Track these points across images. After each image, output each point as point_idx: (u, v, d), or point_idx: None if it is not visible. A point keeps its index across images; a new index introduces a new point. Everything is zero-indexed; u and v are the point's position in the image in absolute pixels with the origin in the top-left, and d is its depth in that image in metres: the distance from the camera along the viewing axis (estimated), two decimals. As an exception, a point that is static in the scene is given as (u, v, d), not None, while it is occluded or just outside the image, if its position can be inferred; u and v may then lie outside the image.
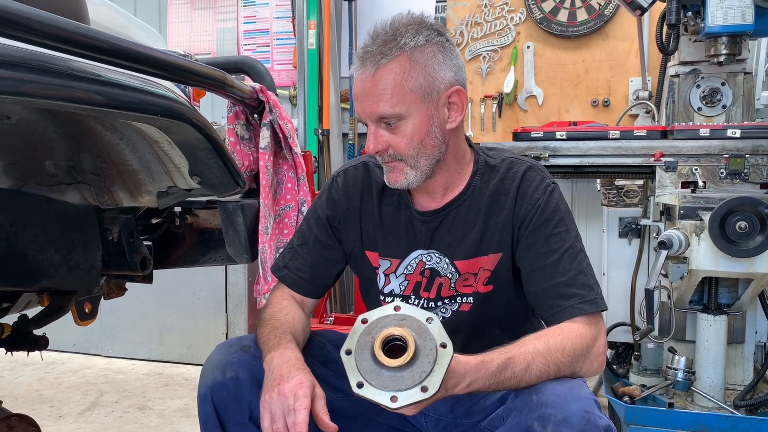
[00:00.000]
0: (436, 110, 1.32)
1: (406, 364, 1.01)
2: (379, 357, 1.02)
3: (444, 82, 1.32)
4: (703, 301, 2.24)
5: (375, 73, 1.28)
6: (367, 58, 1.29)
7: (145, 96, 1.14)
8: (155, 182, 1.53)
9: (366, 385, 1.02)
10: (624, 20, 3.21)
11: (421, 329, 1.05)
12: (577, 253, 1.31)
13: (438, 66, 1.31)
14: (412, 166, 1.33)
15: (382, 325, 1.06)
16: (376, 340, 1.04)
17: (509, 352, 1.17)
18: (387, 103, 1.28)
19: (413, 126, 1.30)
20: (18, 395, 3.16)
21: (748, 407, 2.14)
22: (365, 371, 1.03)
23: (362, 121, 1.35)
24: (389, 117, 1.29)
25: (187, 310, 3.60)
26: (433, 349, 1.03)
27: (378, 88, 1.28)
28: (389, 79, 1.27)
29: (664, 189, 2.17)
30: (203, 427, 1.32)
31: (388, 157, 1.34)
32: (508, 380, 1.15)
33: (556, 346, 1.18)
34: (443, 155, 1.36)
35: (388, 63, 1.27)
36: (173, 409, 2.98)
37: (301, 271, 1.50)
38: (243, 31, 4.23)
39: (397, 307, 1.09)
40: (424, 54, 1.29)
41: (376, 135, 1.32)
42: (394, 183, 1.36)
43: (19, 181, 1.46)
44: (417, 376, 1.01)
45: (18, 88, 0.88)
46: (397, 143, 1.31)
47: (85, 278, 1.64)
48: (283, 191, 1.90)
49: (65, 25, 0.90)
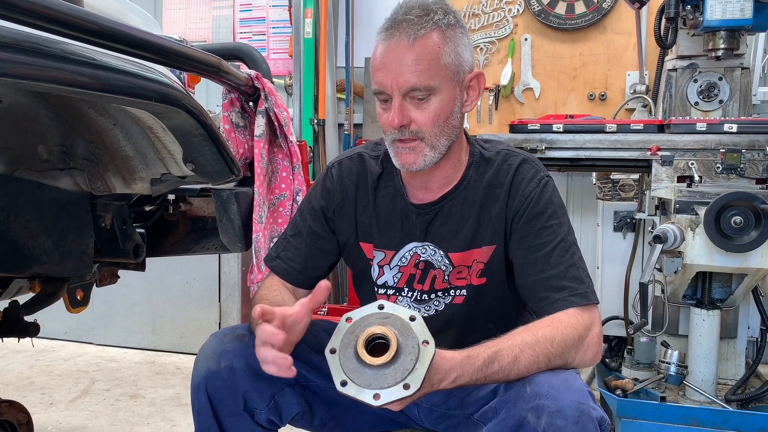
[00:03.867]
0: (460, 91, 1.31)
1: (388, 362, 1.03)
2: (361, 356, 1.04)
3: (468, 64, 1.32)
4: (697, 296, 2.25)
5: (414, 42, 1.24)
6: (402, 27, 1.25)
7: (140, 81, 1.13)
8: (149, 169, 1.51)
9: (350, 384, 1.04)
10: (622, 13, 3.21)
11: (404, 327, 1.07)
12: (569, 247, 1.31)
13: (464, 48, 1.30)
14: (432, 147, 1.30)
15: (365, 324, 1.08)
16: (359, 339, 1.06)
17: (496, 345, 1.16)
18: (423, 74, 1.24)
19: (441, 102, 1.28)
20: (9, 382, 3.15)
21: (740, 402, 2.15)
22: (349, 370, 1.05)
23: (383, 92, 1.29)
24: (421, 89, 1.25)
25: (179, 298, 3.59)
26: (415, 346, 1.05)
27: (416, 58, 1.24)
28: (427, 50, 1.24)
29: (659, 183, 2.17)
30: (197, 416, 1.31)
31: (410, 133, 1.29)
32: (495, 374, 1.15)
33: (545, 338, 1.18)
34: (456, 140, 1.35)
35: (428, 33, 1.25)
36: (165, 397, 2.97)
37: (294, 262, 1.48)
38: (239, 19, 4.20)
39: (381, 305, 1.11)
40: (455, 33, 1.28)
41: (402, 108, 1.27)
42: (411, 165, 1.31)
43: (11, 166, 1.44)
44: (399, 373, 1.03)
45: (11, 70, 0.87)
46: (423, 119, 1.28)
47: (77, 265, 1.63)
48: (277, 180, 1.89)
49: (58, 7, 0.89)
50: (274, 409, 1.33)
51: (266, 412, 1.32)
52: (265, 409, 1.31)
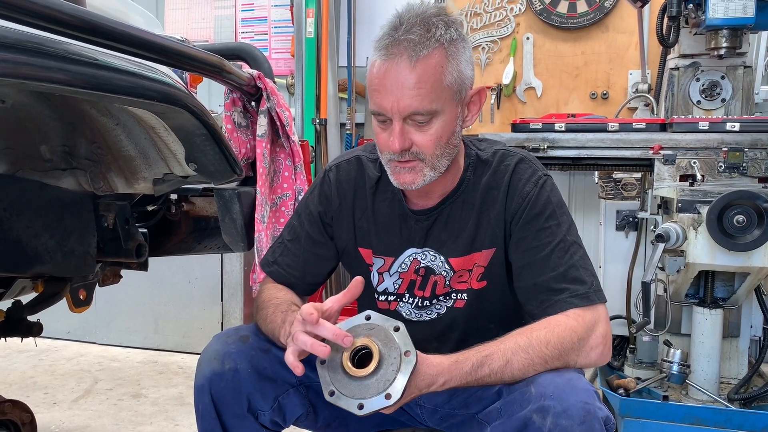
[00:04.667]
0: (461, 109, 1.27)
1: (370, 373, 1.09)
2: (346, 367, 1.10)
3: (469, 80, 1.27)
4: (699, 295, 2.24)
5: (416, 64, 1.17)
6: (403, 46, 1.18)
7: (142, 81, 1.13)
8: (151, 169, 1.51)
9: (337, 394, 1.10)
10: (624, 12, 3.20)
11: (387, 338, 1.12)
12: (568, 247, 1.28)
13: (465, 63, 1.25)
14: (432, 167, 1.26)
15: (352, 336, 1.12)
16: (345, 351, 1.11)
17: (487, 349, 1.16)
18: (426, 98, 1.19)
19: (443, 124, 1.23)
20: (12, 382, 3.15)
21: (743, 401, 2.14)
22: (336, 380, 1.11)
23: (382, 114, 1.23)
24: (423, 113, 1.20)
25: (182, 298, 3.59)
26: (397, 357, 1.10)
27: (417, 82, 1.18)
28: (430, 72, 1.18)
29: (662, 182, 2.16)
30: (200, 418, 1.30)
31: (409, 155, 1.25)
32: (486, 377, 1.15)
33: (540, 340, 1.17)
34: (456, 156, 1.32)
35: (430, 54, 1.18)
36: (167, 397, 2.97)
37: (292, 268, 1.46)
38: (241, 18, 4.19)
39: (369, 316, 1.15)
40: (458, 50, 1.23)
41: (402, 132, 1.22)
42: (409, 184, 1.27)
43: (14, 166, 1.45)
44: (381, 384, 1.08)
45: (13, 70, 0.87)
46: (424, 142, 1.23)
47: (79, 265, 1.63)
48: (279, 180, 1.89)
49: (60, 7, 0.89)
50: (278, 410, 1.33)
51: (270, 413, 1.32)
52: (269, 411, 1.31)
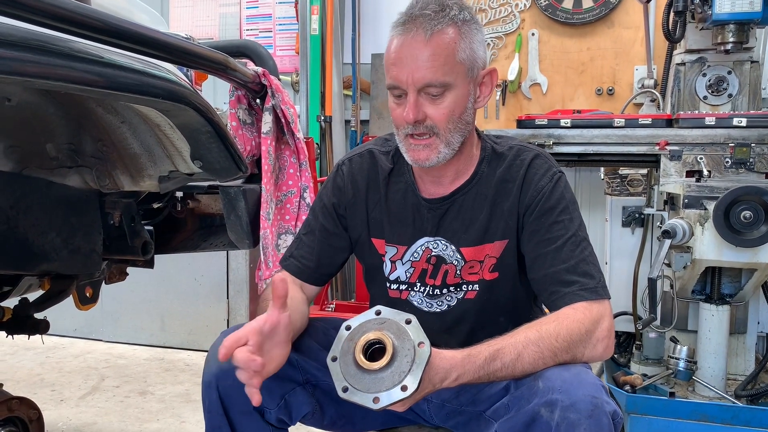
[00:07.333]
0: (473, 87, 1.32)
1: (385, 365, 1.07)
2: (360, 361, 1.09)
3: (482, 60, 1.32)
4: (706, 291, 2.23)
5: (431, 38, 1.24)
6: (419, 21, 1.25)
7: (147, 78, 1.13)
8: (157, 166, 1.52)
9: (350, 389, 1.08)
10: (630, 8, 3.19)
11: (399, 331, 1.11)
12: (580, 242, 1.31)
13: (478, 44, 1.30)
14: (446, 143, 1.30)
15: (363, 331, 1.12)
16: (357, 346, 1.10)
17: (498, 343, 1.17)
18: (439, 70, 1.25)
19: (455, 99, 1.28)
20: (19, 379, 3.17)
21: (750, 397, 2.14)
22: (349, 376, 1.09)
23: (398, 87, 1.28)
24: (437, 85, 1.26)
25: (188, 295, 3.60)
26: (411, 349, 1.08)
27: (432, 54, 1.24)
28: (443, 46, 1.24)
29: (668, 178, 2.15)
30: (207, 414, 1.31)
31: (424, 128, 1.29)
32: (498, 371, 1.15)
33: (549, 333, 1.17)
34: (468, 136, 1.35)
35: (444, 29, 1.25)
36: (174, 394, 2.98)
37: (306, 259, 1.48)
38: (245, 16, 4.20)
39: (378, 311, 1.15)
40: (470, 29, 1.29)
41: (416, 103, 1.27)
42: (424, 161, 1.32)
43: (20, 164, 1.45)
44: (396, 376, 1.07)
45: (18, 68, 0.87)
46: (438, 115, 1.28)
47: (86, 262, 1.64)
48: (285, 177, 1.89)
49: (66, 5, 0.89)
50: (284, 408, 1.33)
51: (276, 411, 1.32)
52: (275, 409, 1.31)
